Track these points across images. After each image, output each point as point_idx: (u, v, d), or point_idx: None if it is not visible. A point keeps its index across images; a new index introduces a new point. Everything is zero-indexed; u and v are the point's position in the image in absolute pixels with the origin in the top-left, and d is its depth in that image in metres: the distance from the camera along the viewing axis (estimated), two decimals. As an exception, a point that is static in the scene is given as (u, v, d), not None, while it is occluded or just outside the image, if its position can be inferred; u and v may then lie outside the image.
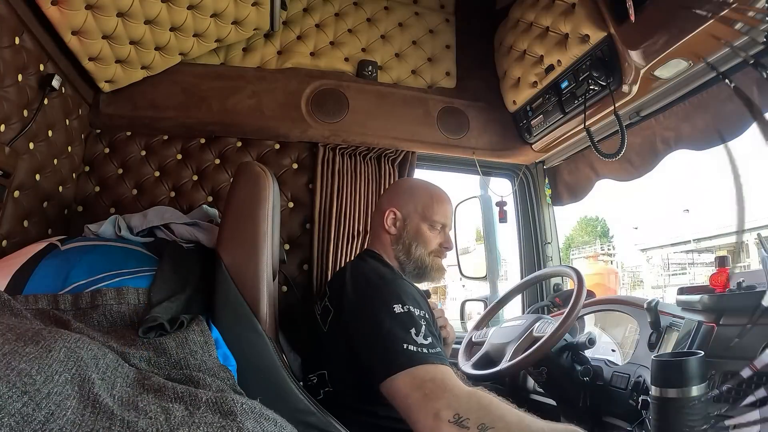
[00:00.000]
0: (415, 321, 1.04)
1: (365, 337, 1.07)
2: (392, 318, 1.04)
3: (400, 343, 0.98)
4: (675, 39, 1.28)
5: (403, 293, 1.11)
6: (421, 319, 1.05)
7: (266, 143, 1.90)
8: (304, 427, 0.99)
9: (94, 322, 0.94)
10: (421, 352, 0.97)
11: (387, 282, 1.17)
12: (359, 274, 1.24)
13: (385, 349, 0.99)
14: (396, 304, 1.06)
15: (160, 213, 1.41)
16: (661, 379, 0.99)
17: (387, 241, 1.38)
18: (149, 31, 1.53)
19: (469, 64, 2.16)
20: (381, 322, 1.04)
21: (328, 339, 1.20)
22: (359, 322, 1.10)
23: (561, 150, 2.11)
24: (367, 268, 1.27)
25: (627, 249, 31.67)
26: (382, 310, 1.06)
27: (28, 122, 1.29)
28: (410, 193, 1.43)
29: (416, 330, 1.01)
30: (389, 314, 1.04)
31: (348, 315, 1.15)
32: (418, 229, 1.37)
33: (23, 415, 0.54)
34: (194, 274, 1.13)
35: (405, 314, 1.05)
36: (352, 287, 1.18)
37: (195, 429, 0.62)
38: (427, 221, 1.38)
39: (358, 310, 1.12)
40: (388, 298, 1.09)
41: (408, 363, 0.96)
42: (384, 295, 1.10)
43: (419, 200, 1.40)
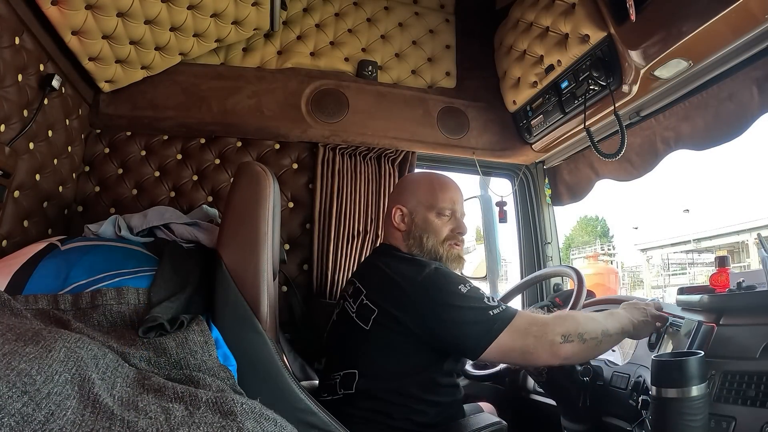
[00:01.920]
0: (480, 292, 1.15)
1: (452, 323, 1.12)
2: (466, 298, 1.13)
3: (486, 312, 1.11)
4: (675, 39, 1.28)
5: (451, 273, 1.21)
6: (478, 290, 1.16)
7: (266, 143, 1.90)
8: (305, 426, 0.99)
9: (94, 322, 0.94)
10: (503, 311, 1.12)
11: (434, 269, 1.20)
12: (403, 268, 1.24)
13: (477, 324, 1.10)
14: (459, 285, 1.15)
15: (160, 213, 1.41)
16: (661, 379, 0.99)
17: (399, 238, 1.38)
18: (149, 31, 1.53)
19: (469, 64, 2.16)
20: (461, 306, 1.12)
21: (373, 336, 1.20)
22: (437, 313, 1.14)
23: (561, 150, 2.11)
24: (406, 261, 1.28)
25: (627, 249, 31.70)
26: (454, 296, 1.13)
27: (28, 122, 1.29)
28: (413, 187, 1.42)
29: (486, 298, 1.14)
30: (462, 296, 1.13)
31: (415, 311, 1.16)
32: (426, 219, 1.36)
33: (23, 415, 0.54)
34: (194, 274, 1.13)
35: (472, 290, 1.15)
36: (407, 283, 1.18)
37: (195, 429, 0.62)
38: (433, 210, 1.36)
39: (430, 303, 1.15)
40: (448, 283, 1.16)
41: (503, 323, 1.09)
42: (444, 283, 1.16)
43: (422, 191, 1.39)
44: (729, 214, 31.12)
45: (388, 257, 1.32)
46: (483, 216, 2.22)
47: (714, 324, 1.12)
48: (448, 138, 2.03)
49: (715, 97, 1.49)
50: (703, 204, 39.82)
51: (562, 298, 1.94)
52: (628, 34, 1.42)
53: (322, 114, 1.90)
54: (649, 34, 1.35)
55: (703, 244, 23.36)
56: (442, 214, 1.36)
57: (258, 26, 1.78)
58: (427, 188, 1.39)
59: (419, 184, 1.42)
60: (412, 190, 1.41)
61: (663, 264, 25.48)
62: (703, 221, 28.69)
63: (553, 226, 2.30)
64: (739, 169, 45.50)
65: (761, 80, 1.35)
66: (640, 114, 1.73)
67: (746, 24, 1.22)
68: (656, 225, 38.70)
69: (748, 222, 20.89)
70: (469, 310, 1.12)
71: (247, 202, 1.10)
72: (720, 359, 1.03)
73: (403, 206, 1.38)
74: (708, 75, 1.46)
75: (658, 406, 0.98)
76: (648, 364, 1.11)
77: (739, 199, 39.13)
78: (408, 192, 1.41)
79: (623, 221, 48.85)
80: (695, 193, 45.80)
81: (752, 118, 1.38)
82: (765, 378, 0.93)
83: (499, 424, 1.16)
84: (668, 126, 1.66)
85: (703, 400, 0.95)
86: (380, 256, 1.36)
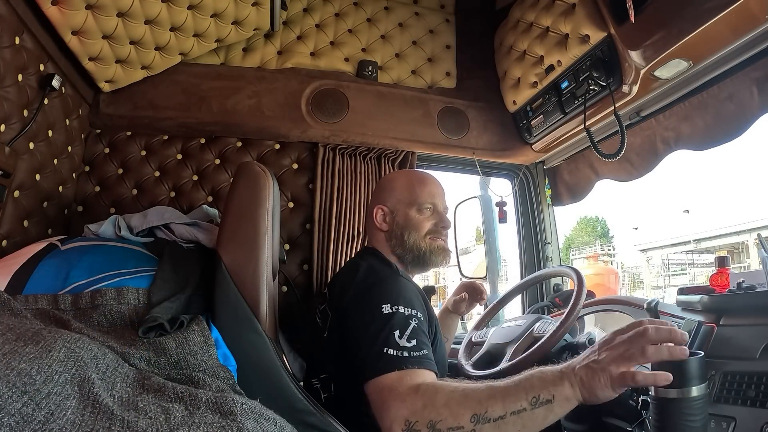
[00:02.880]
0: (402, 322, 1.02)
1: (354, 339, 1.06)
2: (379, 319, 1.03)
3: (382, 346, 0.97)
4: (675, 39, 1.28)
5: (394, 292, 1.09)
6: (411, 319, 1.03)
7: (266, 143, 1.90)
8: (304, 427, 0.99)
9: (94, 322, 0.94)
10: (401, 356, 0.96)
11: (380, 280, 1.15)
12: (356, 273, 1.22)
13: (368, 352, 0.99)
14: (385, 304, 1.05)
15: (160, 213, 1.41)
16: (661, 380, 0.99)
17: (382, 239, 1.37)
18: (149, 31, 1.53)
19: (469, 65, 2.16)
20: (368, 323, 1.04)
21: (329, 343, 1.19)
22: (351, 323, 1.10)
23: (561, 150, 2.11)
24: (364, 267, 1.25)
25: (627, 249, 31.70)
26: (370, 311, 1.05)
27: (28, 122, 1.29)
28: (391, 185, 1.41)
29: (400, 332, 0.99)
30: (377, 315, 1.03)
31: (343, 317, 1.14)
32: (407, 216, 1.35)
33: (23, 415, 0.54)
34: (194, 274, 1.13)
35: (391, 315, 1.03)
36: (349, 289, 1.17)
37: (195, 429, 0.62)
38: (413, 206, 1.35)
39: (351, 311, 1.12)
40: (378, 298, 1.07)
41: (388, 367, 0.95)
42: (374, 295, 1.09)
43: (400, 188, 1.38)
44: (729, 214, 31.13)
45: (361, 260, 1.30)
46: (483, 216, 2.22)
47: (714, 324, 1.12)
48: (448, 138, 2.03)
49: (715, 97, 1.49)
50: (703, 204, 39.83)
51: (562, 299, 1.94)
52: (628, 34, 1.42)
53: (322, 114, 1.90)
54: (649, 34, 1.35)
55: (703, 245, 23.35)
56: (422, 210, 1.35)
57: (258, 26, 1.78)
58: (405, 185, 1.38)
59: (396, 181, 1.41)
60: (390, 188, 1.40)
61: (663, 264, 25.49)
62: (703, 222, 28.68)
63: (553, 227, 2.30)
64: (739, 169, 45.55)
65: (761, 80, 1.35)
66: (640, 114, 1.73)
67: (746, 24, 1.22)
68: (656, 225, 38.71)
69: (748, 222, 20.90)
70: (372, 334, 1.00)
71: (247, 202, 1.10)
72: (720, 359, 1.03)
73: (384, 205, 1.37)
74: (708, 75, 1.46)
75: (658, 406, 0.98)
76: (648, 365, 1.11)
77: (739, 200, 39.16)
78: (387, 191, 1.40)
79: (623, 222, 48.88)
80: (695, 194, 45.81)
81: (752, 119, 1.38)
82: (765, 378, 0.93)
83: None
84: (668, 126, 1.66)
85: (703, 400, 0.95)
86: (355, 262, 1.33)
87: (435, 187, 1.39)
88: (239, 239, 1.09)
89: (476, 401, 0.81)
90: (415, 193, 1.36)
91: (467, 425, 0.80)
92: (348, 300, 1.15)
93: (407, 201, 1.36)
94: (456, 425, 0.80)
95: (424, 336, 1.03)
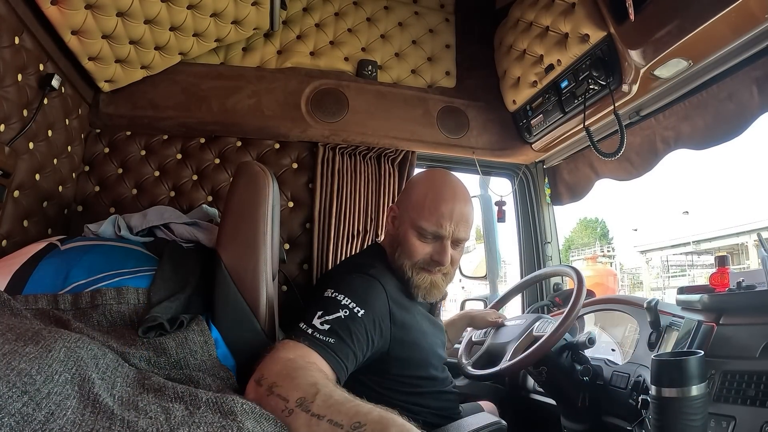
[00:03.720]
0: (330, 306, 1.00)
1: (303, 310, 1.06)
2: (318, 300, 1.04)
3: (300, 321, 0.98)
4: (675, 38, 1.28)
5: (348, 283, 1.07)
6: (344, 310, 0.99)
7: (266, 143, 1.90)
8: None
9: (94, 322, 0.94)
10: (304, 331, 0.95)
11: (344, 274, 1.13)
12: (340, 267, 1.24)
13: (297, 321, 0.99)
14: (330, 288, 1.05)
15: (160, 213, 1.41)
16: (661, 379, 0.99)
17: (387, 242, 1.29)
18: (149, 31, 1.53)
19: (468, 64, 2.16)
20: (310, 302, 1.06)
21: None
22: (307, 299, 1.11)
23: (561, 149, 2.11)
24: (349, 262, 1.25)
25: (627, 251, 31.68)
26: (320, 292, 1.07)
27: (27, 122, 1.29)
28: (411, 189, 1.24)
29: (322, 314, 0.98)
30: (319, 296, 1.05)
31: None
32: (406, 233, 1.19)
33: (23, 415, 0.54)
34: (194, 274, 1.13)
35: (328, 299, 1.02)
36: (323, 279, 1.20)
37: (195, 429, 0.62)
38: (414, 227, 1.17)
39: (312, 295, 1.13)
40: (329, 284, 1.08)
41: (290, 336, 0.95)
42: (332, 282, 1.09)
43: (415, 197, 1.20)
44: (728, 215, 31.08)
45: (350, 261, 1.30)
46: (483, 216, 2.23)
47: (714, 323, 1.12)
48: (448, 137, 2.03)
49: (714, 96, 1.49)
50: (703, 206, 39.78)
51: (561, 298, 1.94)
52: (628, 33, 1.42)
53: (322, 113, 1.90)
54: (649, 33, 1.35)
55: (703, 246, 23.30)
56: (423, 236, 1.17)
57: (258, 26, 1.78)
58: (421, 196, 1.19)
59: (417, 188, 1.23)
60: (408, 192, 1.25)
61: (663, 266, 25.47)
62: (702, 223, 28.57)
63: (553, 226, 2.30)
64: (738, 170, 45.51)
65: (761, 80, 1.35)
66: (639, 113, 1.73)
67: (746, 23, 1.22)
68: (656, 227, 38.67)
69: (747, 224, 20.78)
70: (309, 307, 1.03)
71: (247, 202, 1.10)
72: (720, 359, 1.03)
73: (397, 207, 1.26)
74: (708, 74, 1.46)
75: (658, 405, 0.98)
76: (648, 364, 1.11)
77: (738, 201, 39.09)
78: (405, 193, 1.27)
79: (623, 223, 48.89)
80: (694, 195, 45.73)
81: (752, 118, 1.39)
82: (765, 377, 0.93)
83: (498, 424, 1.16)
84: (668, 125, 1.66)
85: (702, 399, 0.95)
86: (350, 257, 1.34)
87: (452, 211, 1.16)
88: (239, 239, 1.09)
89: (313, 391, 0.75)
90: (424, 212, 1.16)
91: (292, 403, 0.74)
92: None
93: (412, 217, 1.18)
94: (285, 396, 0.76)
95: (346, 330, 0.97)
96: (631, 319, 1.48)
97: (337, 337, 0.95)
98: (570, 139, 1.98)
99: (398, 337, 1.11)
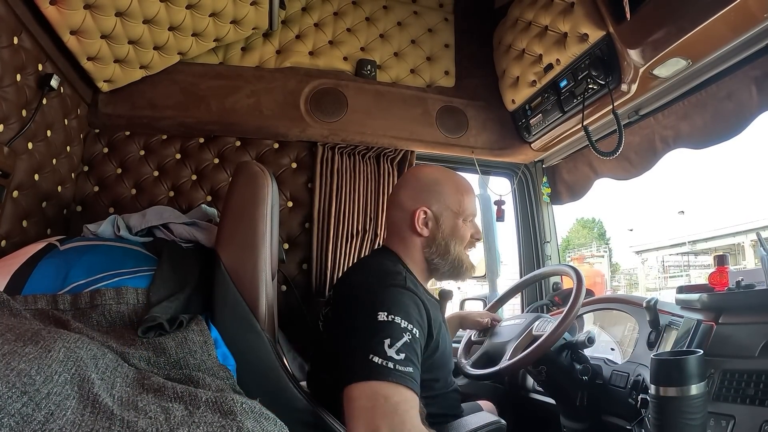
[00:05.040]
0: (394, 332, 0.95)
1: (342, 339, 1.01)
2: (371, 324, 0.97)
3: (368, 352, 0.92)
4: (674, 38, 1.28)
5: (395, 301, 1.02)
6: (405, 332, 0.96)
7: (265, 143, 1.90)
8: (303, 426, 0.99)
9: (93, 322, 0.94)
10: (386, 366, 0.90)
11: (383, 287, 1.07)
12: (363, 275, 1.16)
13: (353, 356, 0.94)
14: (382, 311, 0.98)
15: (159, 213, 1.41)
16: (661, 378, 0.99)
17: (417, 244, 1.24)
18: (148, 31, 1.53)
19: (468, 63, 2.16)
20: (359, 327, 0.98)
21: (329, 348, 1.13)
22: (344, 323, 1.05)
23: (560, 149, 2.11)
24: (373, 269, 1.17)
25: (624, 251, 31.64)
26: (365, 314, 0.99)
27: (26, 122, 1.28)
28: (437, 188, 1.27)
29: (391, 341, 0.94)
30: (370, 320, 0.98)
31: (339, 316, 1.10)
32: (454, 225, 1.25)
33: (23, 415, 0.54)
34: (193, 274, 1.13)
35: (386, 323, 0.96)
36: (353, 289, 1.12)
37: (195, 428, 0.62)
38: (461, 216, 1.26)
39: (347, 311, 1.06)
40: (375, 303, 1.00)
41: (369, 375, 0.89)
42: (373, 300, 1.02)
43: (449, 194, 1.26)
44: (725, 215, 31.02)
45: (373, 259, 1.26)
46: (482, 215, 2.23)
47: (713, 323, 1.12)
48: (447, 137, 2.03)
49: (714, 95, 1.49)
50: (699, 205, 39.72)
51: (561, 297, 1.94)
52: (627, 33, 1.42)
53: (321, 113, 1.89)
54: (648, 33, 1.35)
55: (699, 246, 23.15)
56: (466, 220, 1.27)
57: (257, 25, 1.78)
58: (453, 191, 1.27)
59: (444, 185, 1.27)
60: (437, 191, 1.26)
61: (661, 267, 25.40)
62: (698, 223, 28.44)
63: (552, 225, 2.30)
64: (735, 169, 45.50)
65: (760, 79, 1.35)
66: (639, 113, 1.73)
67: (745, 23, 1.22)
68: (651, 227, 38.61)
69: (744, 224, 20.62)
70: (361, 338, 0.96)
71: (246, 202, 1.10)
72: (719, 358, 1.03)
73: (429, 208, 1.24)
74: (707, 74, 1.46)
75: (658, 404, 0.98)
76: (647, 363, 1.11)
77: (734, 200, 39.07)
78: (432, 193, 1.26)
79: (620, 224, 48.85)
80: (690, 194, 45.65)
81: (751, 117, 1.39)
82: (764, 376, 0.93)
83: (498, 423, 1.16)
84: (667, 125, 1.66)
85: (702, 398, 0.95)
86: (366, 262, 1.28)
87: (474, 196, 1.33)
88: (238, 239, 1.09)
89: None
90: (465, 201, 1.27)
91: None
92: (348, 299, 1.10)
93: (456, 209, 1.25)
94: None
95: (414, 354, 0.97)
96: (631, 318, 1.48)
97: (411, 363, 0.94)
98: (569, 139, 1.98)
99: (434, 347, 1.11)
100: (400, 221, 1.26)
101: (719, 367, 1.02)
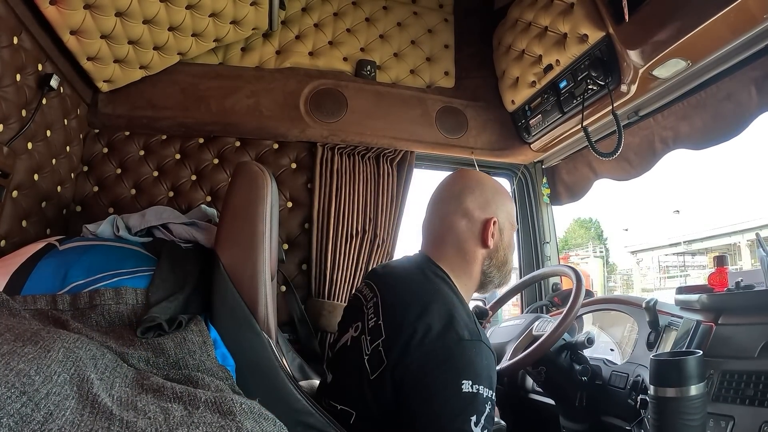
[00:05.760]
0: (479, 406, 0.91)
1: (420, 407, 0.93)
2: (456, 397, 0.90)
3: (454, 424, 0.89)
4: (674, 38, 1.29)
5: (480, 366, 0.94)
6: (487, 402, 0.92)
7: (265, 143, 1.90)
8: (302, 427, 0.99)
9: (93, 323, 0.94)
10: None
11: (467, 346, 0.96)
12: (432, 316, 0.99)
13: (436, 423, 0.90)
14: (466, 379, 0.91)
15: (159, 213, 1.40)
16: (660, 379, 0.99)
17: (479, 257, 1.15)
18: (148, 31, 1.53)
19: (467, 64, 2.16)
20: (439, 393, 0.91)
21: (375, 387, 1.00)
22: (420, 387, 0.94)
23: (560, 149, 2.11)
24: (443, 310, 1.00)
25: (620, 252, 31.53)
26: (444, 379, 0.92)
27: (26, 122, 1.28)
28: (499, 197, 1.19)
29: (477, 418, 0.89)
30: (454, 387, 0.91)
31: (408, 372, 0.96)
32: (511, 236, 1.21)
33: (22, 415, 0.54)
34: (192, 274, 1.13)
35: (471, 396, 0.90)
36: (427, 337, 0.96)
37: (194, 429, 0.62)
38: (514, 228, 1.22)
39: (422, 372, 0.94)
40: (459, 369, 0.92)
41: None
42: (458, 365, 0.93)
43: (508, 204, 1.21)
44: (720, 215, 30.89)
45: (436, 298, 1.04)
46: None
47: (712, 323, 1.12)
48: (446, 138, 2.03)
49: (713, 96, 1.49)
50: (694, 205, 39.60)
51: (560, 298, 1.94)
52: (627, 33, 1.43)
53: (320, 114, 1.90)
54: (647, 33, 1.35)
55: (694, 246, 22.91)
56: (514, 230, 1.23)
57: (256, 26, 1.78)
58: (509, 200, 1.22)
59: (503, 194, 1.21)
60: (500, 201, 1.19)
61: (659, 267, 25.31)
62: (693, 223, 28.24)
63: (552, 226, 2.30)
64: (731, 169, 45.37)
65: (760, 80, 1.35)
66: (638, 113, 1.73)
67: (745, 23, 1.22)
68: (647, 226, 38.48)
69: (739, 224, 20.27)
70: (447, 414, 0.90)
71: (245, 202, 1.10)
72: (718, 358, 1.03)
73: (497, 219, 1.15)
74: (706, 74, 1.46)
75: (657, 405, 0.98)
76: (647, 364, 1.11)
77: (730, 200, 38.94)
78: (498, 202, 1.18)
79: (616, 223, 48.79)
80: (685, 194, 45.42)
81: (750, 118, 1.39)
82: (763, 377, 0.93)
83: (497, 424, 1.16)
84: (667, 125, 1.66)
85: (701, 399, 0.95)
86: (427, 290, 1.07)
87: None
88: (237, 239, 1.08)
89: None
90: (514, 213, 1.23)
91: None
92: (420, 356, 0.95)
93: (512, 220, 1.21)
94: None
95: (492, 422, 0.94)
96: (630, 319, 1.48)
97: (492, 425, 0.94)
98: (569, 139, 1.98)
99: None
100: (466, 231, 1.14)
101: (719, 368, 1.02)
